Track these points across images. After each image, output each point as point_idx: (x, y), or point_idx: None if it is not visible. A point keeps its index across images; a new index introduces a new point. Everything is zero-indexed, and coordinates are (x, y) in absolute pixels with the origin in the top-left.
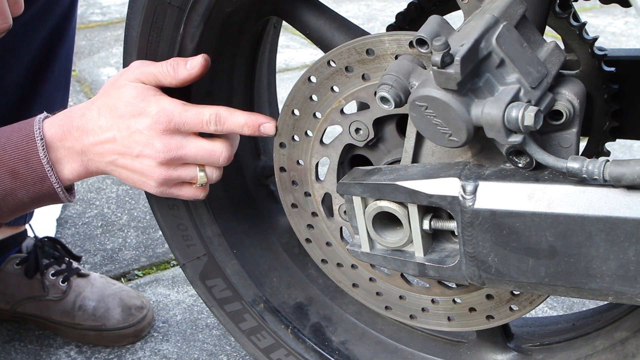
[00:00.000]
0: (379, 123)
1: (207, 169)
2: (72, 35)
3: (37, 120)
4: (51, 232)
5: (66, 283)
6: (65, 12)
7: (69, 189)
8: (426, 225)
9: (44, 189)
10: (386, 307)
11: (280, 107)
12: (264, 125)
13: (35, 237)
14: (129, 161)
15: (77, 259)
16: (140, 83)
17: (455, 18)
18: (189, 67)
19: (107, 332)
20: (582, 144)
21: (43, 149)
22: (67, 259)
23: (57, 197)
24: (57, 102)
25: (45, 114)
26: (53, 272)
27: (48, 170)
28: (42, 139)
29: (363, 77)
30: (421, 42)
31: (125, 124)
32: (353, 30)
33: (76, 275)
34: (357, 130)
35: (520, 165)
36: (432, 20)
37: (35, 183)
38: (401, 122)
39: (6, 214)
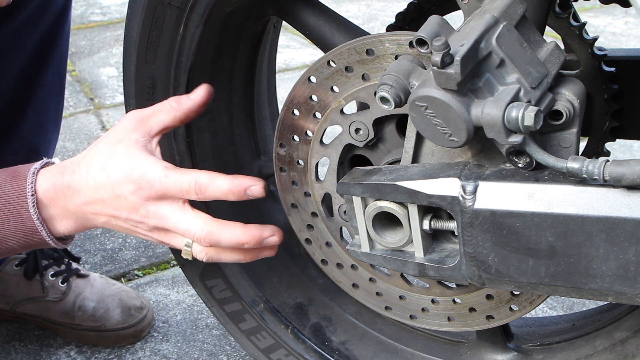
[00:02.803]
0: (379, 123)
1: (194, 245)
2: (65, 39)
3: (31, 174)
4: None
5: (65, 284)
6: (58, 16)
7: (66, 237)
8: (426, 226)
9: (35, 241)
10: (386, 308)
11: (280, 107)
12: (251, 188)
13: None
14: (120, 223)
15: (77, 260)
16: (136, 135)
17: (455, 18)
18: (192, 96)
19: (106, 332)
20: (582, 144)
21: (34, 206)
22: (67, 259)
23: (51, 245)
24: (50, 107)
25: (41, 162)
26: (52, 273)
27: (39, 226)
28: (33, 195)
29: (363, 77)
30: (421, 42)
31: (111, 187)
32: (353, 30)
33: (75, 276)
34: (357, 130)
35: (520, 165)
36: (432, 20)
37: (25, 235)
38: (401, 122)
39: None
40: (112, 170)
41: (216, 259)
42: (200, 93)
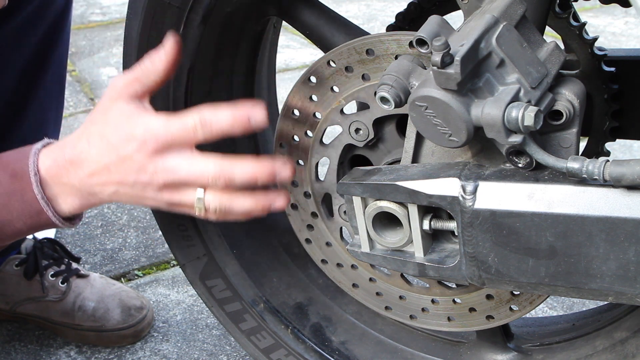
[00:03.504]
0: (379, 123)
1: (206, 195)
2: (66, 39)
3: (33, 153)
4: (51, 233)
5: (65, 284)
6: (59, 15)
7: (73, 217)
8: (426, 226)
9: (42, 221)
10: (386, 307)
11: (280, 107)
12: (253, 115)
13: (35, 238)
14: (128, 190)
15: (77, 260)
16: (125, 99)
17: (455, 18)
18: (162, 55)
19: (106, 332)
20: (582, 144)
21: (37, 185)
22: (67, 259)
23: (58, 225)
24: (50, 107)
25: (42, 142)
26: (52, 273)
27: (44, 206)
28: (36, 174)
29: (363, 77)
30: (421, 42)
31: (115, 152)
32: (353, 30)
33: (76, 276)
34: (357, 130)
35: (520, 165)
36: (432, 20)
37: (32, 216)
38: (401, 122)
39: (4, 240)
40: (112, 135)
41: (229, 207)
42: (169, 46)
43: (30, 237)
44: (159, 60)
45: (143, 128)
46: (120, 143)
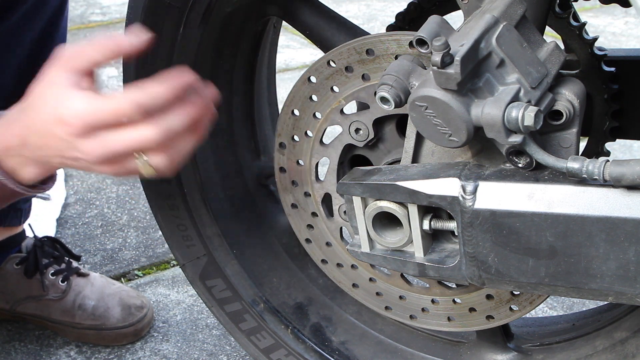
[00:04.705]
0: (379, 123)
1: (151, 158)
2: (62, 37)
3: None
4: (51, 232)
5: (66, 282)
6: (55, 14)
7: (43, 181)
8: (426, 226)
9: (8, 193)
10: (386, 308)
11: (280, 107)
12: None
13: (35, 236)
14: (71, 162)
15: (77, 258)
16: (65, 72)
17: (455, 18)
18: (134, 40)
19: (106, 331)
20: (582, 144)
21: None
22: (67, 258)
23: (27, 193)
24: None
25: None
26: (52, 271)
27: (3, 179)
28: None
29: (363, 77)
30: (421, 42)
31: (48, 130)
32: (353, 30)
33: (76, 274)
34: (357, 130)
35: (520, 165)
36: (432, 20)
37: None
38: (401, 122)
39: None
40: (44, 113)
41: (176, 155)
42: (142, 39)
43: (30, 235)
44: (118, 37)
45: (68, 110)
46: (50, 123)
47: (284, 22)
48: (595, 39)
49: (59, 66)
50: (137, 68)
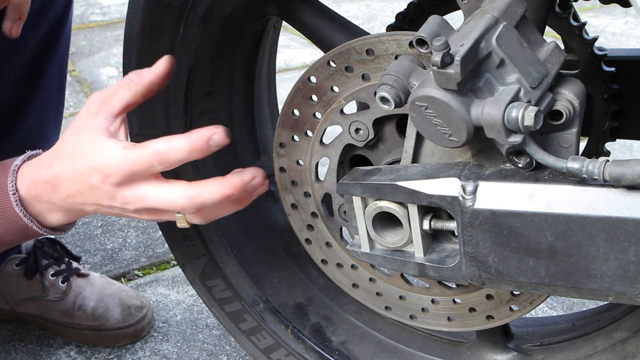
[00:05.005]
0: (379, 123)
1: (187, 215)
2: (66, 39)
3: (12, 171)
4: None
5: (66, 283)
6: (60, 16)
7: (64, 225)
8: (426, 226)
9: (30, 234)
10: (386, 308)
11: (280, 107)
12: (213, 138)
13: None
14: (107, 210)
15: (77, 259)
16: (98, 118)
17: (455, 18)
18: (153, 68)
19: (106, 331)
20: (582, 144)
21: (18, 204)
22: (67, 259)
23: (48, 235)
24: (50, 108)
25: (22, 158)
26: (52, 272)
27: (28, 222)
28: (15, 194)
29: (363, 77)
30: (421, 42)
31: (84, 179)
32: (353, 30)
33: (76, 275)
34: (357, 130)
35: (520, 165)
36: (432, 20)
37: (19, 230)
38: (401, 122)
39: None
40: (79, 162)
41: (213, 217)
42: (162, 65)
43: None
44: (146, 73)
45: (104, 160)
46: (85, 172)
47: (284, 22)
48: (595, 39)
49: (91, 112)
50: (137, 68)
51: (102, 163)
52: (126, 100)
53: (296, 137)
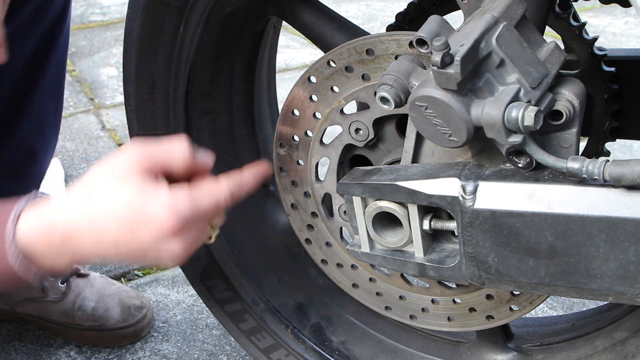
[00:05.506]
0: (379, 123)
1: (215, 221)
2: (65, 40)
3: (10, 221)
4: None
5: (65, 284)
6: (58, 16)
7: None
8: (426, 226)
9: (23, 283)
10: (386, 308)
11: (280, 107)
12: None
13: None
14: (141, 263)
15: None
16: (139, 171)
17: (455, 18)
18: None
19: (106, 332)
20: (582, 144)
21: (17, 260)
22: None
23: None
24: (49, 108)
25: (22, 203)
26: None
27: (23, 274)
28: (16, 246)
29: (363, 77)
30: (421, 42)
31: (129, 235)
32: (353, 30)
33: (75, 275)
34: (357, 130)
35: (520, 165)
36: (432, 20)
37: (12, 281)
38: (401, 122)
39: None
40: (126, 211)
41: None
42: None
43: None
44: (203, 159)
45: (162, 206)
46: (136, 224)
47: (284, 22)
48: (595, 39)
49: (134, 168)
50: (137, 68)
51: (161, 210)
52: (170, 168)
53: (296, 137)
